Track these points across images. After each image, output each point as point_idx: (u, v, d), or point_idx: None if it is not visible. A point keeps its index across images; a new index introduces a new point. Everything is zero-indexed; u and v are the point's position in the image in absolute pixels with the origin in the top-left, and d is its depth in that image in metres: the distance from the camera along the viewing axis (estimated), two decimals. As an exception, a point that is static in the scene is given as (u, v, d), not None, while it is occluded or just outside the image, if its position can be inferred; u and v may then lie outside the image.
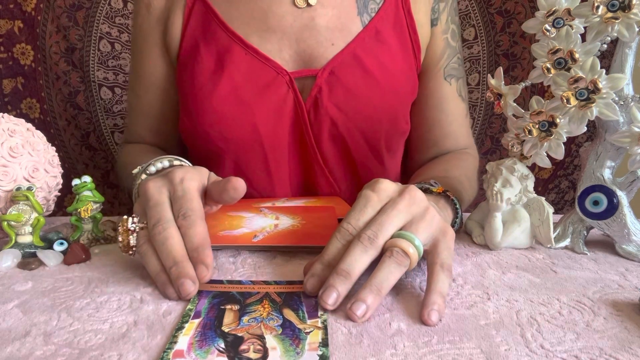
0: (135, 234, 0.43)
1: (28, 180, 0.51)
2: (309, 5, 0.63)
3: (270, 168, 0.66)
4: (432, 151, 0.74)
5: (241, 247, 0.50)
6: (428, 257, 0.40)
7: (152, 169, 0.52)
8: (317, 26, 0.63)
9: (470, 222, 0.55)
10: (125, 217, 0.44)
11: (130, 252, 0.43)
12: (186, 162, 0.53)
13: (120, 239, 0.43)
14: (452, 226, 0.52)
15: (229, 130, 0.63)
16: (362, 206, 0.40)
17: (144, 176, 0.51)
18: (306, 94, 0.63)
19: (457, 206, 0.52)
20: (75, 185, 0.51)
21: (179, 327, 0.34)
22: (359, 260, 0.37)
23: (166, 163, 0.52)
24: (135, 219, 0.44)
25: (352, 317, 0.35)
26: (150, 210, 0.43)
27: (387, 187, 0.42)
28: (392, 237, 0.39)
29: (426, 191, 0.50)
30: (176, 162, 0.53)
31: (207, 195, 0.46)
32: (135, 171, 0.53)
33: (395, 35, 0.65)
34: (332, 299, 0.36)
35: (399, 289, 0.41)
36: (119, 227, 0.43)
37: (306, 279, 0.38)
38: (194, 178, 0.44)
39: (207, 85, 0.62)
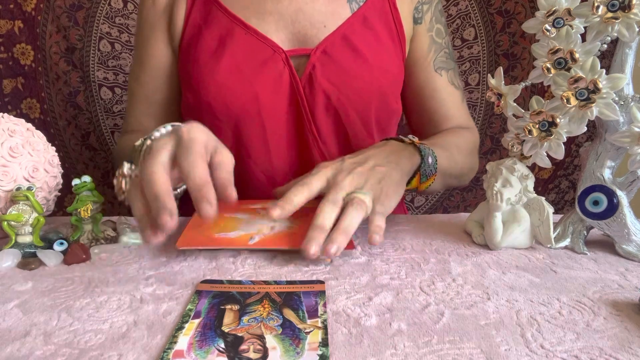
0: (128, 179, 0.47)
1: (28, 180, 0.51)
2: None
3: (267, 139, 0.69)
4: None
5: (237, 249, 0.50)
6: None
7: (157, 134, 0.52)
8: (310, 9, 0.70)
9: (470, 222, 0.55)
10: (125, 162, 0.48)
11: (122, 196, 0.47)
12: None
13: (115, 182, 0.48)
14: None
15: (231, 100, 0.67)
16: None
17: (148, 142, 0.51)
18: (301, 71, 0.68)
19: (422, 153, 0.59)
20: (75, 185, 0.51)
21: (179, 327, 0.34)
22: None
23: (169, 127, 0.53)
24: (133, 166, 0.47)
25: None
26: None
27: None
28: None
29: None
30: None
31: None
32: (137, 143, 0.53)
33: (381, 23, 0.72)
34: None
35: (398, 289, 0.41)
36: (117, 171, 0.48)
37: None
38: (202, 130, 0.47)
39: (210, 62, 0.67)
